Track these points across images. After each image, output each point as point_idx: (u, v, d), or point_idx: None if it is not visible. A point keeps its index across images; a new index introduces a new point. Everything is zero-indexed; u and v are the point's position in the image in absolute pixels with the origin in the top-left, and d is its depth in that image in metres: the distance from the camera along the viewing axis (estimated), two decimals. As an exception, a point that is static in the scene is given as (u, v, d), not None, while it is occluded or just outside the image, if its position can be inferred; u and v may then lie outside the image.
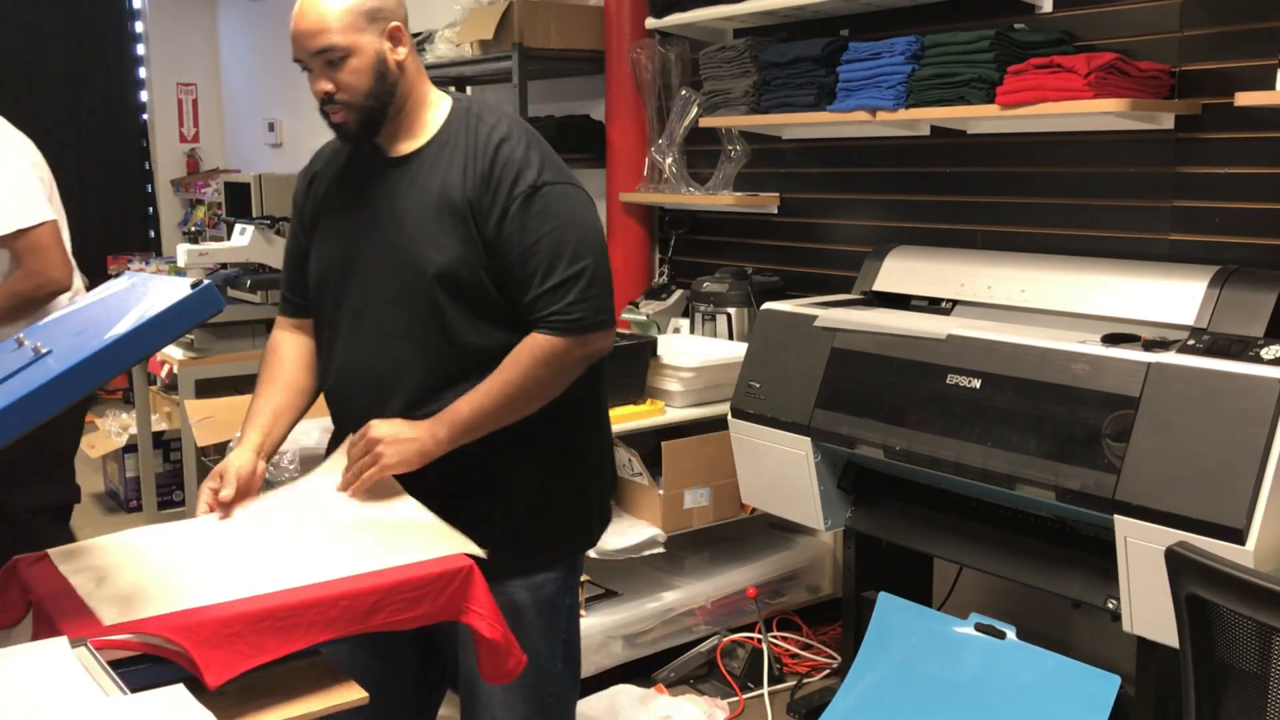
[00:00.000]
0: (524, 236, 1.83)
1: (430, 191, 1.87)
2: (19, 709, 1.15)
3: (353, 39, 1.83)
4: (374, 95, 1.86)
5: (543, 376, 1.85)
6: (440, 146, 1.90)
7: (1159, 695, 2.37)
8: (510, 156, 1.85)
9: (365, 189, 1.94)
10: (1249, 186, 2.70)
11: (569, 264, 1.83)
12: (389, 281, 1.89)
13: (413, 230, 1.87)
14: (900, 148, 3.45)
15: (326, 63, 1.83)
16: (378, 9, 1.85)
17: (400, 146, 1.92)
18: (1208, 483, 2.11)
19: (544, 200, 1.84)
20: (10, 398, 1.39)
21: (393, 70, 1.87)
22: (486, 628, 1.59)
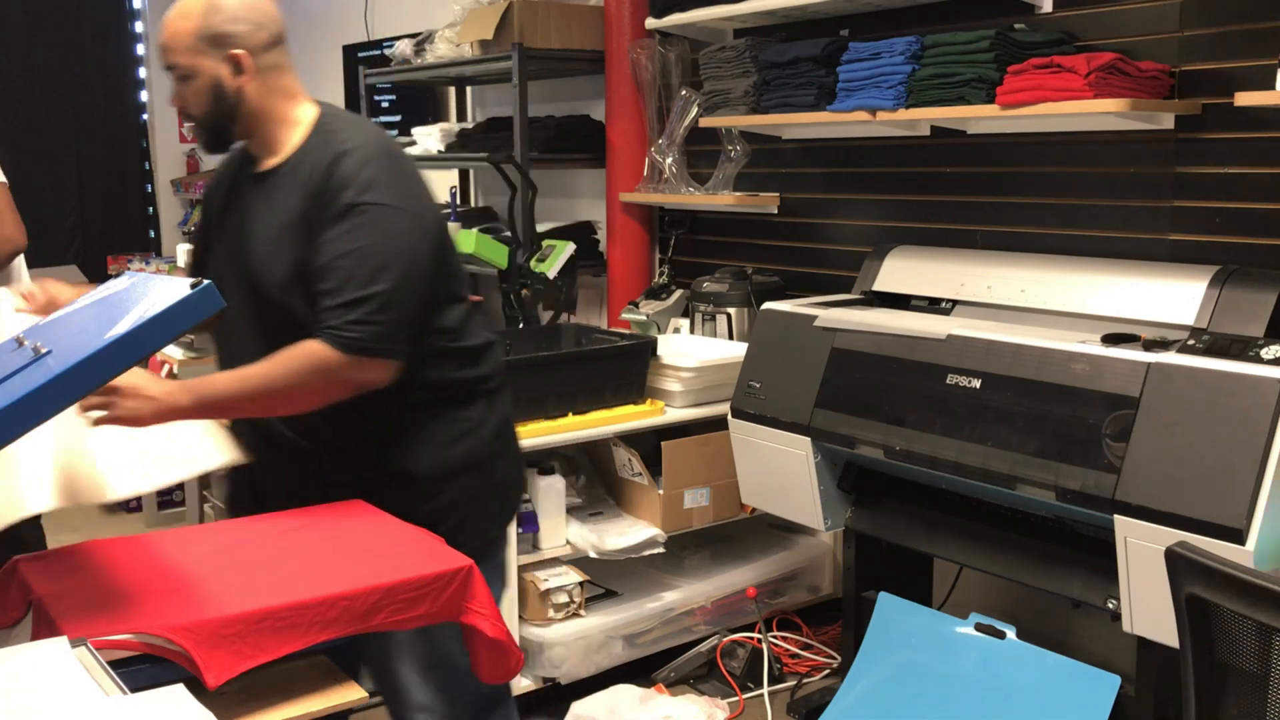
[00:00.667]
0: (329, 250, 1.85)
1: (279, 209, 1.93)
2: (19, 709, 1.15)
3: (192, 61, 1.92)
4: (212, 116, 1.96)
5: (303, 382, 1.83)
6: (296, 164, 1.95)
7: (1159, 695, 2.37)
8: (343, 171, 1.87)
9: (238, 203, 2.03)
10: (1249, 186, 2.70)
11: (363, 285, 1.82)
12: (243, 298, 1.96)
13: (262, 248, 1.94)
14: (900, 148, 3.45)
15: (177, 79, 1.95)
16: (223, 35, 1.92)
17: (264, 163, 2.00)
18: (1208, 483, 2.12)
19: (358, 218, 1.85)
20: (10, 398, 1.39)
21: (230, 95, 1.94)
22: (489, 627, 1.59)
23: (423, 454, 2.01)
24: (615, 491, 3.38)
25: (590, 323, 4.35)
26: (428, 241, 1.93)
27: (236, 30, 1.93)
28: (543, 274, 3.76)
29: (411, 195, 1.93)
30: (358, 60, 5.69)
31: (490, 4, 4.26)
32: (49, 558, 1.60)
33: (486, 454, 2.09)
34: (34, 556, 1.59)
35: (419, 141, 4.97)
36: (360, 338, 1.82)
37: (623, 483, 3.33)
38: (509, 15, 4.11)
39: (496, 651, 1.61)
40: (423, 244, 1.91)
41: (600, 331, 3.54)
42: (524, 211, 3.99)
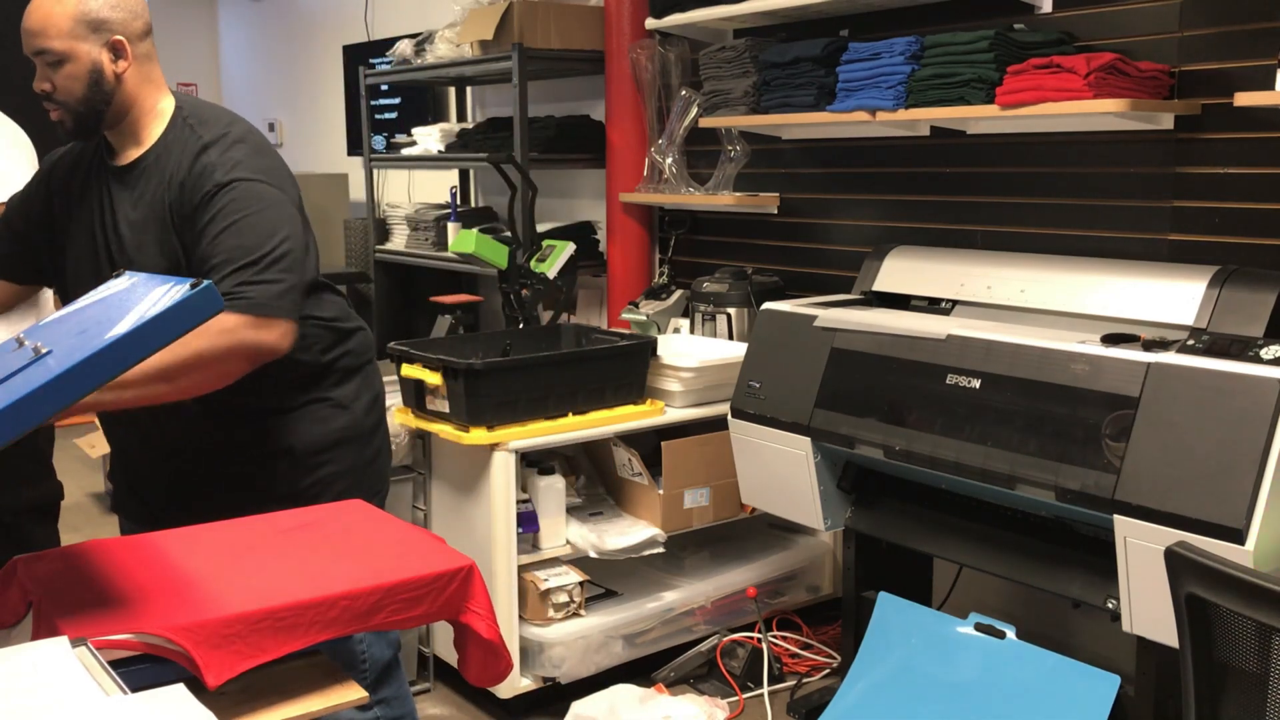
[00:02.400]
0: (211, 230, 1.86)
1: (143, 203, 1.93)
2: (19, 709, 1.15)
3: (70, 45, 1.89)
4: (86, 102, 1.93)
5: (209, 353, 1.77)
6: (156, 157, 1.95)
7: (1159, 695, 2.37)
8: (208, 161, 1.89)
9: (92, 197, 2.01)
10: (1249, 186, 2.70)
11: (250, 251, 1.84)
12: None
13: (126, 243, 1.94)
14: (900, 148, 3.45)
15: (45, 63, 1.92)
16: (102, 21, 1.91)
17: (125, 155, 1.99)
18: (1208, 483, 2.12)
19: (230, 194, 1.87)
20: (10, 398, 1.39)
21: (109, 81, 1.93)
22: (485, 628, 1.59)
23: (301, 431, 2.08)
24: (615, 491, 3.38)
25: (590, 323, 4.35)
26: (299, 215, 1.96)
27: (115, 17, 1.93)
28: (543, 274, 3.76)
29: (276, 172, 1.95)
30: (358, 60, 5.69)
31: (490, 4, 4.26)
32: (49, 558, 1.60)
33: (361, 428, 2.18)
34: (34, 556, 1.59)
35: (419, 141, 4.98)
36: (256, 297, 1.82)
37: (623, 483, 3.33)
38: (509, 15, 4.11)
39: (488, 653, 1.61)
40: (296, 214, 1.94)
41: (600, 331, 3.54)
42: (524, 211, 4.00)
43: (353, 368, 2.19)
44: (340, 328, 2.16)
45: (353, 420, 2.17)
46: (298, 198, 1.99)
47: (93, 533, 4.62)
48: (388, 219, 5.31)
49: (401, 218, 5.17)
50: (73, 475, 4.34)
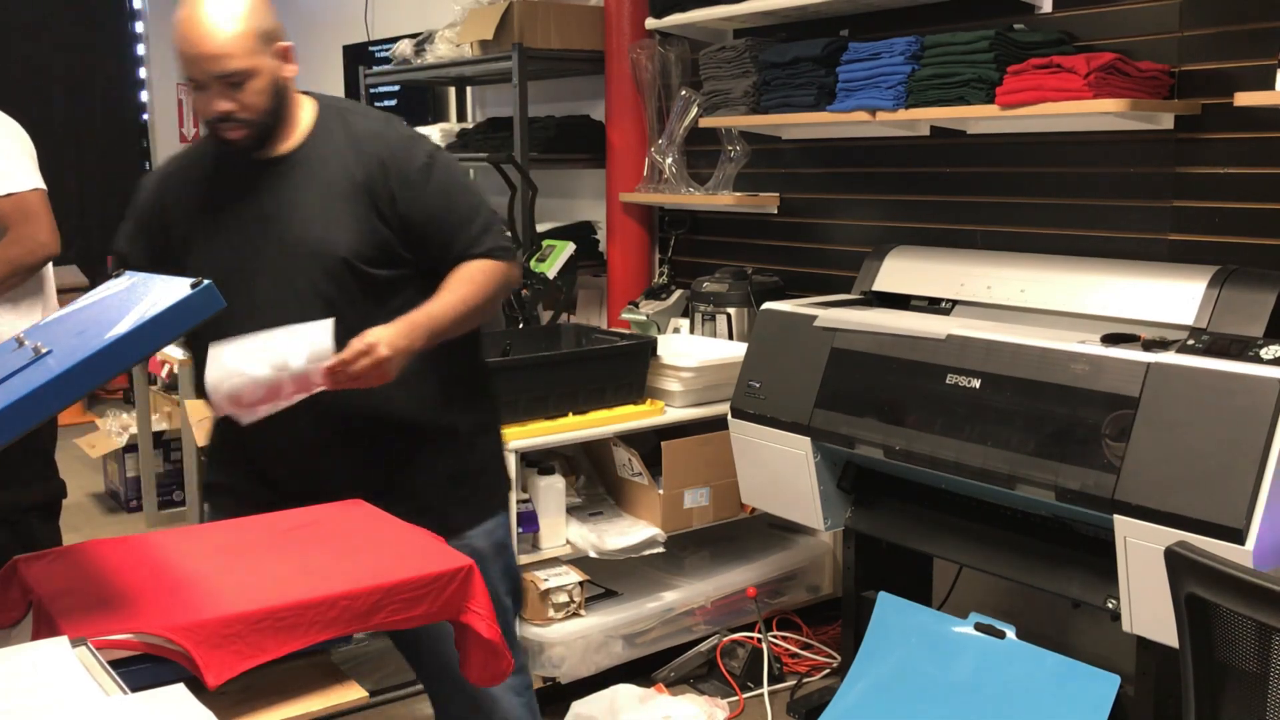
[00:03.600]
0: (435, 199, 2.03)
1: (321, 182, 2.00)
2: (19, 709, 1.15)
3: (253, 62, 1.93)
4: (271, 113, 1.98)
5: (496, 295, 2.07)
6: (317, 143, 2.03)
7: (1159, 695, 2.37)
8: (393, 140, 2.05)
9: (246, 192, 2.03)
10: (1249, 186, 2.70)
11: (479, 209, 2.07)
12: (297, 272, 1.98)
13: (312, 221, 1.99)
14: (900, 148, 3.45)
15: (229, 85, 1.92)
16: (270, 31, 1.96)
17: (281, 147, 2.03)
18: (1208, 483, 2.12)
19: (436, 166, 2.05)
20: (10, 398, 1.39)
21: (285, 89, 2.00)
22: (485, 628, 1.59)
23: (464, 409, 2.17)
24: (615, 491, 3.38)
25: (590, 323, 4.35)
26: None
27: (276, 24, 1.99)
28: (543, 274, 3.76)
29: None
30: (358, 60, 5.69)
31: (490, 4, 4.26)
32: (49, 558, 1.60)
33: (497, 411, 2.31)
34: (34, 556, 1.59)
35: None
36: (509, 246, 2.10)
37: (623, 483, 3.33)
38: (509, 15, 4.11)
39: (489, 653, 1.61)
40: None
41: (600, 331, 3.54)
42: (524, 211, 4.00)
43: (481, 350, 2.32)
44: None
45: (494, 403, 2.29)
46: None
47: (93, 533, 4.63)
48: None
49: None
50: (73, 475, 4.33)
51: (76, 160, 7.29)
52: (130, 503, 5.07)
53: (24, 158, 2.88)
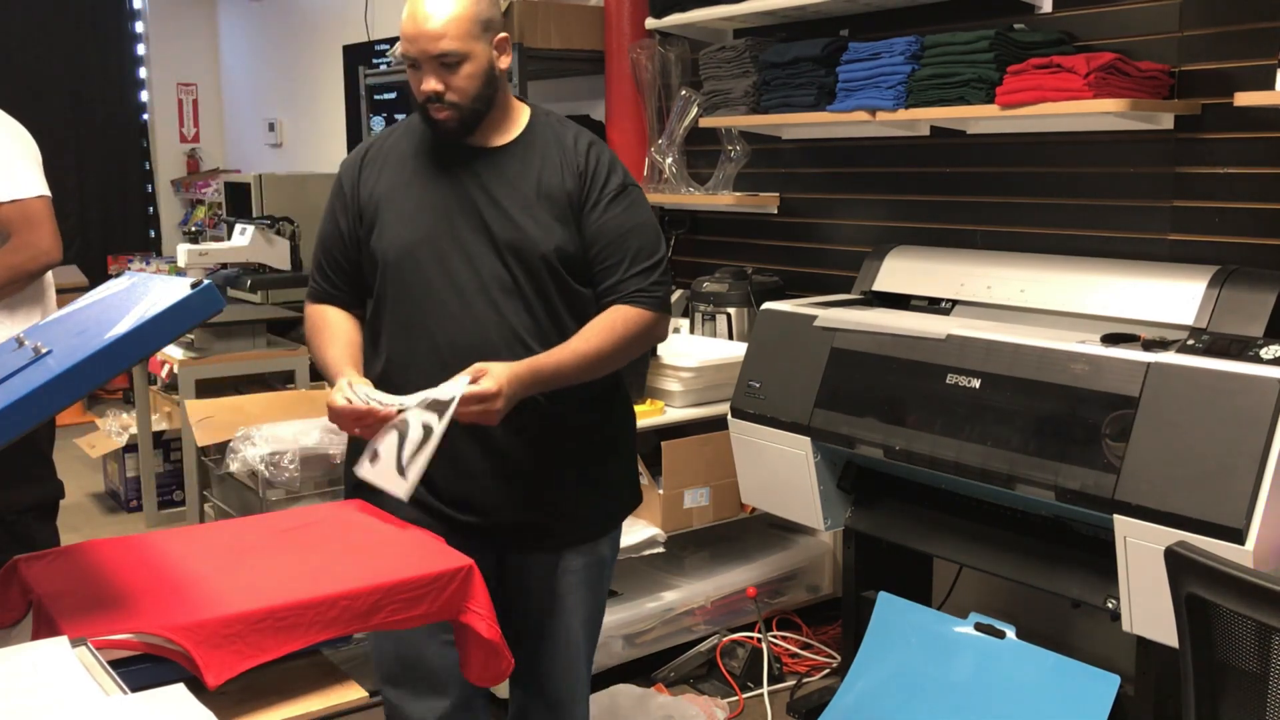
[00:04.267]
0: (618, 225, 2.05)
1: (529, 180, 2.04)
2: (19, 709, 1.15)
3: (470, 46, 1.96)
4: (480, 99, 2.00)
5: (629, 345, 2.05)
6: (528, 144, 2.07)
7: (1159, 695, 2.37)
8: (600, 159, 2.07)
9: (452, 175, 2.06)
10: (1249, 186, 2.70)
11: (652, 253, 2.07)
12: (496, 260, 2.01)
13: (516, 214, 2.02)
14: (900, 148, 3.45)
15: (442, 65, 1.96)
16: (490, 19, 2.00)
17: (492, 139, 2.07)
18: (1208, 483, 2.12)
19: (631, 198, 2.08)
20: (10, 398, 1.39)
21: (497, 77, 2.03)
22: (485, 628, 1.59)
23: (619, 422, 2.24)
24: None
25: (590, 323, 4.34)
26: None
27: (497, 15, 2.03)
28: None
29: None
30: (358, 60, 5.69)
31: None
32: (49, 558, 1.60)
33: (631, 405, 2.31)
34: (34, 556, 1.59)
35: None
36: (663, 296, 2.09)
37: (623, 483, 3.33)
38: (509, 15, 4.11)
39: (489, 653, 1.61)
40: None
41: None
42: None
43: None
44: None
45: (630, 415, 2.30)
46: None
47: (93, 533, 4.63)
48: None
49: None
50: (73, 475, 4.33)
51: (76, 160, 7.29)
52: (130, 503, 5.07)
53: (29, 163, 2.87)
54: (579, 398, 2.07)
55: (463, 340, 2.01)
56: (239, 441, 3.36)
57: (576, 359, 1.99)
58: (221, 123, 7.87)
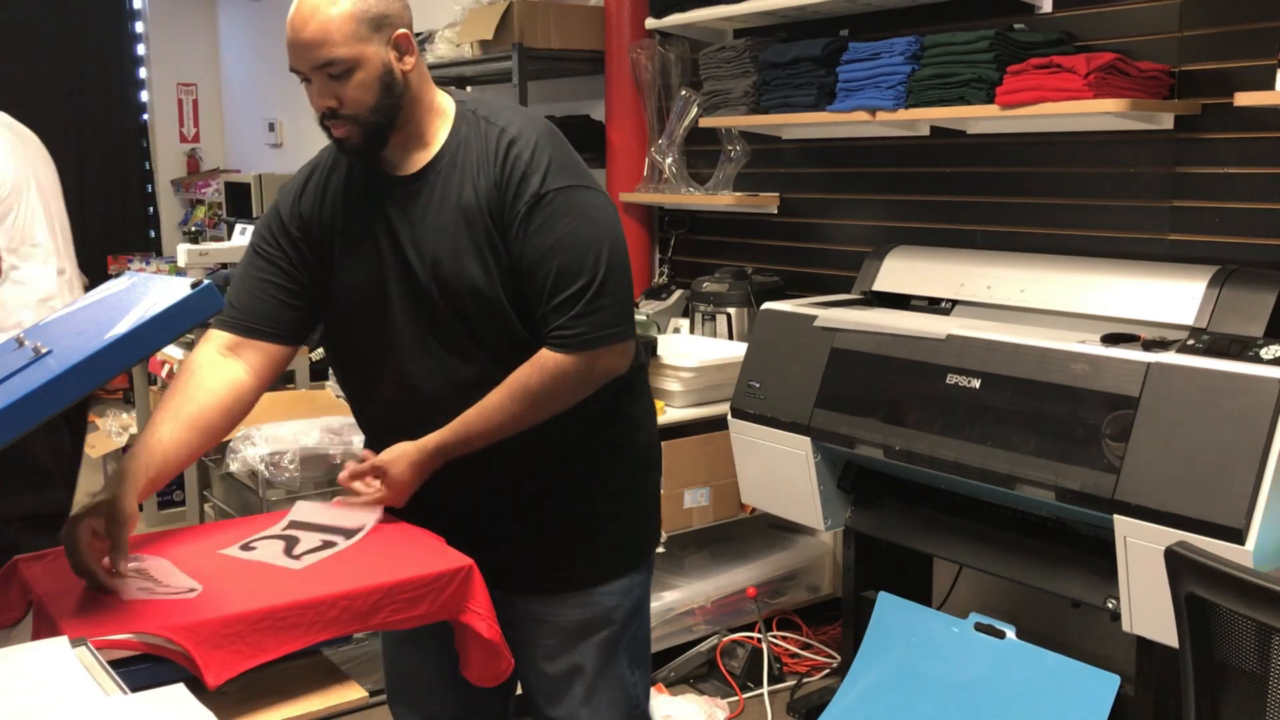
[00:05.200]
0: (534, 246, 1.70)
1: (449, 205, 1.73)
2: (19, 709, 1.15)
3: (357, 50, 1.67)
4: (380, 110, 1.71)
5: (546, 398, 1.73)
6: (451, 156, 1.76)
7: (1159, 695, 2.37)
8: (518, 159, 1.72)
9: (379, 209, 1.79)
10: (1248, 186, 2.70)
11: (572, 278, 1.69)
12: (422, 308, 1.76)
13: (439, 251, 1.73)
14: (900, 148, 3.45)
15: (329, 76, 1.68)
16: (382, 15, 1.69)
17: (410, 161, 1.78)
18: (1207, 483, 2.12)
19: (549, 209, 1.70)
20: (10, 398, 1.39)
21: (399, 82, 1.72)
22: (485, 628, 1.59)
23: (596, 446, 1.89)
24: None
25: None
26: (615, 210, 1.81)
27: (393, 8, 1.72)
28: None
29: (587, 172, 1.79)
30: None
31: (490, 4, 4.26)
32: (49, 558, 1.59)
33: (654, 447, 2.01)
34: (34, 556, 1.59)
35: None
36: (583, 332, 1.70)
37: (623, 483, 3.33)
38: (509, 15, 4.11)
39: (489, 653, 1.61)
40: (615, 218, 1.78)
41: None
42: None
43: (643, 376, 2.00)
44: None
45: (652, 437, 1.99)
46: (603, 188, 1.85)
47: (93, 533, 4.61)
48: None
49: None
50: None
51: (76, 160, 7.29)
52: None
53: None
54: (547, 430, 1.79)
55: (412, 401, 1.79)
56: (239, 441, 3.36)
57: (486, 426, 1.73)
58: (221, 123, 7.87)
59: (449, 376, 1.76)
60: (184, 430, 1.69)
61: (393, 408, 1.83)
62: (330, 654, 1.57)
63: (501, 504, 1.85)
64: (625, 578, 1.91)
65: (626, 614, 1.91)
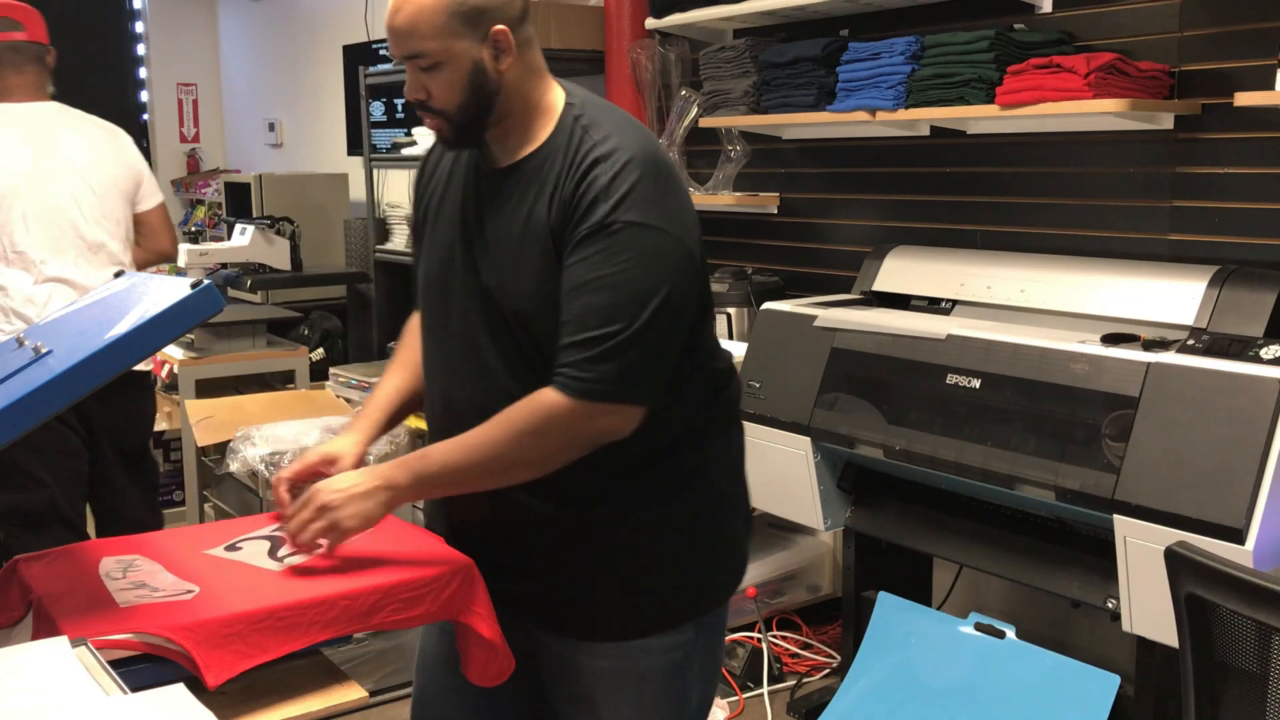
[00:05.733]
0: (577, 275, 1.54)
1: (520, 214, 1.61)
2: (19, 709, 1.15)
3: (446, 45, 1.56)
4: (468, 108, 1.60)
5: (533, 442, 1.55)
6: (541, 161, 1.62)
7: (1158, 695, 2.37)
8: (596, 180, 1.55)
9: (468, 198, 1.69)
10: (1248, 186, 2.70)
11: (605, 320, 1.52)
12: (477, 309, 1.65)
13: (498, 257, 1.63)
14: (900, 148, 3.45)
15: (418, 68, 1.59)
16: (480, 10, 1.57)
17: (505, 156, 1.66)
18: (1207, 483, 2.12)
19: (607, 241, 1.53)
20: (10, 398, 1.39)
21: (492, 81, 1.59)
22: (486, 628, 1.59)
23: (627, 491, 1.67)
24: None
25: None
26: (692, 266, 1.62)
27: (494, 2, 1.58)
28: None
29: (676, 211, 1.62)
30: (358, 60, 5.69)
31: (490, 4, 4.26)
32: (49, 558, 1.60)
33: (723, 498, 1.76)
34: (34, 556, 1.59)
35: (419, 141, 4.97)
36: (594, 379, 1.52)
37: (623, 483, 3.33)
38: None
39: (489, 653, 1.61)
40: (685, 269, 1.59)
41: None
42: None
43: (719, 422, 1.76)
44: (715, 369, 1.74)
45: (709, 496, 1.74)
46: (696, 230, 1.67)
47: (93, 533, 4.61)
48: (388, 219, 5.31)
49: (401, 218, 5.17)
50: (73, 475, 4.32)
51: (76, 160, 7.28)
52: (130, 503, 5.06)
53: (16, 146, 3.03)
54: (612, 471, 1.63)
55: (458, 396, 1.70)
56: (239, 441, 3.36)
57: (467, 459, 1.58)
58: (221, 123, 7.86)
59: (488, 388, 1.64)
60: (406, 377, 1.84)
61: (436, 408, 1.76)
62: (330, 654, 1.57)
63: (534, 538, 1.69)
64: (666, 635, 1.70)
65: (663, 673, 1.71)
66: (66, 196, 3.02)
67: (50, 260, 2.99)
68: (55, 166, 3.02)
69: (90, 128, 3.17)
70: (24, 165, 2.97)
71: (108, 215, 3.12)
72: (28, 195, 2.96)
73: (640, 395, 1.56)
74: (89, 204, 3.07)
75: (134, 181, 3.24)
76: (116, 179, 3.15)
